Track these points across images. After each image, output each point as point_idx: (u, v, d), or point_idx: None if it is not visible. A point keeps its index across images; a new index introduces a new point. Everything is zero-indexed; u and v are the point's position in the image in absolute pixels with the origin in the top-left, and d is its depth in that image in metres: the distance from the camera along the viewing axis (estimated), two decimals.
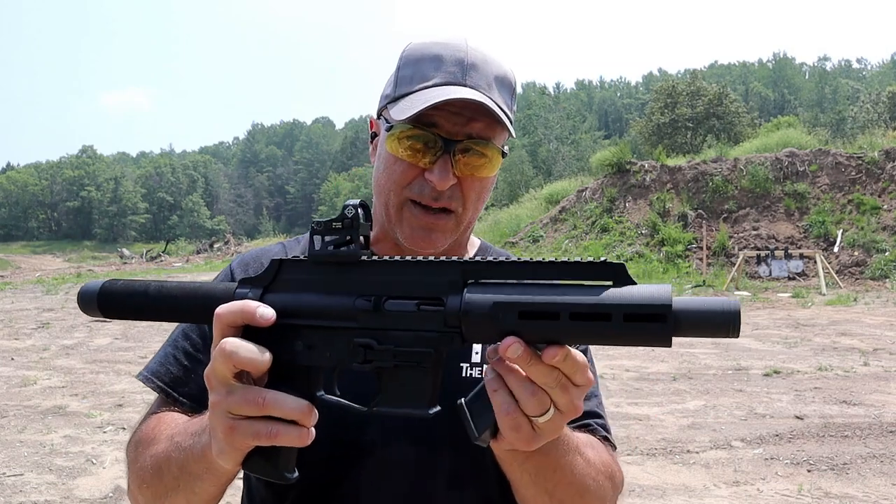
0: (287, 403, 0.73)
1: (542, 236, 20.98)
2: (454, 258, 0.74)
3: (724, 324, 0.64)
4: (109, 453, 5.25)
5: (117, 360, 8.80)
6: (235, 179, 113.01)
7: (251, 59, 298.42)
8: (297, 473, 0.80)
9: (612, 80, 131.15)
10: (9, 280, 25.04)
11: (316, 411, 0.75)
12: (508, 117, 1.02)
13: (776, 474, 4.53)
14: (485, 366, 0.90)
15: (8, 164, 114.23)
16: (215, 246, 42.02)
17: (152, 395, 1.11)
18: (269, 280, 0.79)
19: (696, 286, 15.16)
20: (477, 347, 1.07)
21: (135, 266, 33.30)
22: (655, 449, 5.08)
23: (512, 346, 0.67)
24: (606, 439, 1.10)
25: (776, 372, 7.31)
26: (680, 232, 18.58)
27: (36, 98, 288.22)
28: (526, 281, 0.70)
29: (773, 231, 18.03)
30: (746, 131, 36.44)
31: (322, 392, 0.78)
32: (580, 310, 0.66)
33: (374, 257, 0.77)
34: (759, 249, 17.01)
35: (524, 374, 0.70)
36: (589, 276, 0.69)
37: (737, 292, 14.42)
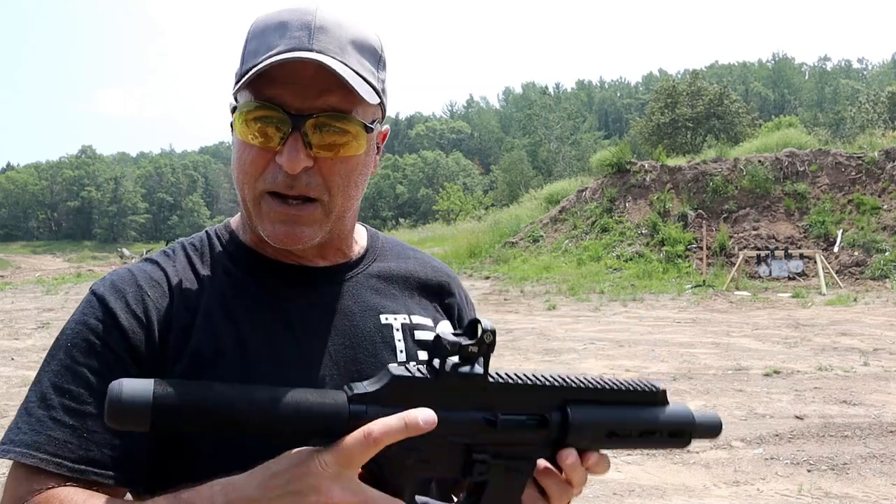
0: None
1: (542, 236, 20.98)
2: (555, 382, 0.82)
3: (717, 430, 0.92)
4: None
5: None
6: None
7: None
8: None
9: (612, 80, 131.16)
10: (9, 280, 25.05)
11: None
12: (374, 87, 0.89)
13: (776, 474, 4.53)
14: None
15: (8, 164, 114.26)
16: None
17: None
18: (386, 395, 0.73)
19: (696, 286, 15.16)
20: (400, 346, 0.99)
21: None
22: None
23: (590, 459, 0.83)
24: None
25: (776, 372, 7.31)
26: (680, 232, 18.59)
27: (36, 98, 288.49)
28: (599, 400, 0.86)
29: (773, 231, 18.03)
30: (746, 131, 36.45)
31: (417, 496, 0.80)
32: (646, 428, 0.87)
33: (492, 375, 0.79)
34: (759, 249, 17.01)
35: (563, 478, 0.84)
36: (645, 399, 0.88)
37: (737, 292, 14.43)
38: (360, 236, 1.08)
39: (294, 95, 0.85)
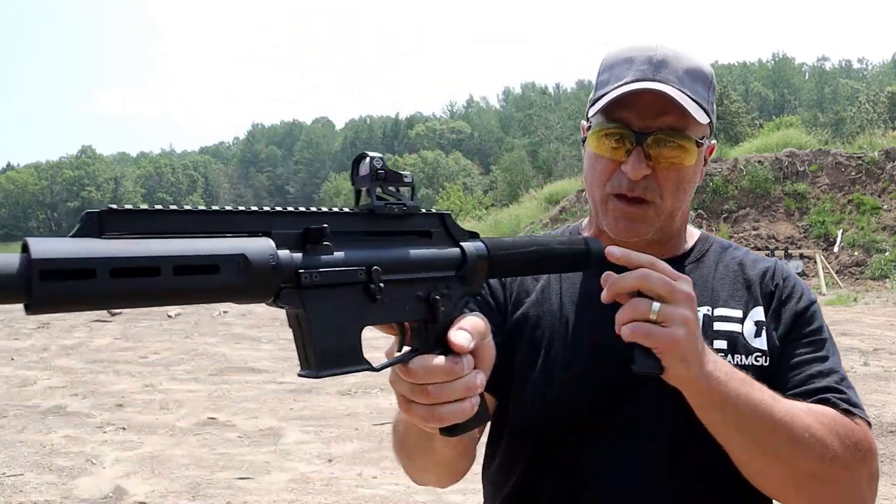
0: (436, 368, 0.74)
1: None
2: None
3: None
4: (109, 453, 5.25)
5: (117, 360, 8.79)
6: (235, 179, 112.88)
7: (251, 59, 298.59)
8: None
9: None
10: None
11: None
12: (704, 108, 1.07)
13: None
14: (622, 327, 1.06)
15: (8, 164, 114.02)
16: None
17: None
18: None
19: None
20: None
21: None
22: None
23: None
24: (849, 412, 1.11)
25: None
26: None
27: (36, 98, 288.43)
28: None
29: (773, 231, 18.03)
30: (746, 131, 36.43)
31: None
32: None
33: None
34: (759, 249, 17.01)
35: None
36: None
37: None
38: (690, 237, 1.24)
39: (637, 117, 1.05)
